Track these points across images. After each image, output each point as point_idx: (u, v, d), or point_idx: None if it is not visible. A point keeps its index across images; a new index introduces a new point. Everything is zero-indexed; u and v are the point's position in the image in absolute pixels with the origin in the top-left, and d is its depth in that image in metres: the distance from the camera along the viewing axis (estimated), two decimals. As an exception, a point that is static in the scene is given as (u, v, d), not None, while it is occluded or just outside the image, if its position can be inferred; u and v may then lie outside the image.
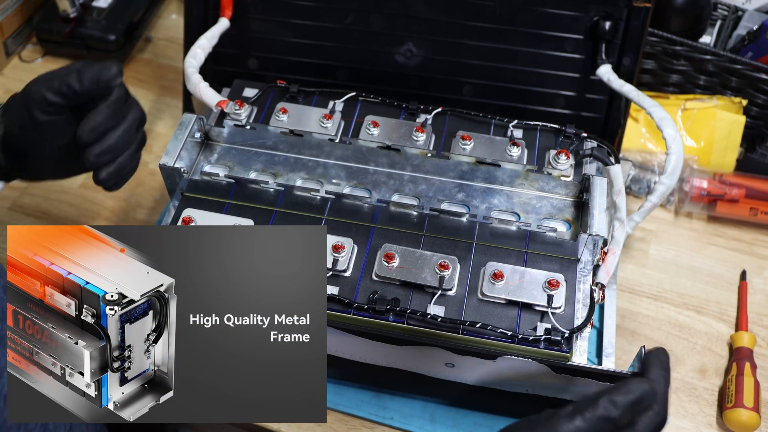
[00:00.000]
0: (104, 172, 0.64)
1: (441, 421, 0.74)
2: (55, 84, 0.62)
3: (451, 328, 0.65)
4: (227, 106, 0.76)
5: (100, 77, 0.62)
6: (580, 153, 0.76)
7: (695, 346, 0.81)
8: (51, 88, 0.62)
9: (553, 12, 0.82)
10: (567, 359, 0.64)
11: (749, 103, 0.93)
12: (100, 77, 0.62)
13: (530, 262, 0.69)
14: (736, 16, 1.00)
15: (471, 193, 0.76)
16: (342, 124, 0.78)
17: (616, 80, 0.79)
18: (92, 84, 0.62)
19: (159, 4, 1.14)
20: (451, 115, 0.79)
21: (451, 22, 0.84)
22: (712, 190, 0.89)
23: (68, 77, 0.62)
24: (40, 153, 0.66)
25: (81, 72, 0.62)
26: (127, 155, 0.65)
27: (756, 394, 0.75)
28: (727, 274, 0.87)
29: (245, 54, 0.89)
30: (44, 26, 1.05)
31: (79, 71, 0.62)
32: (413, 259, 0.68)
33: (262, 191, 0.74)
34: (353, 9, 0.85)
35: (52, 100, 0.62)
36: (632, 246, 0.89)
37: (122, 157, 0.65)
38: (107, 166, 0.64)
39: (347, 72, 0.88)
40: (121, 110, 0.64)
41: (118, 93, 0.63)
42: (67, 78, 0.62)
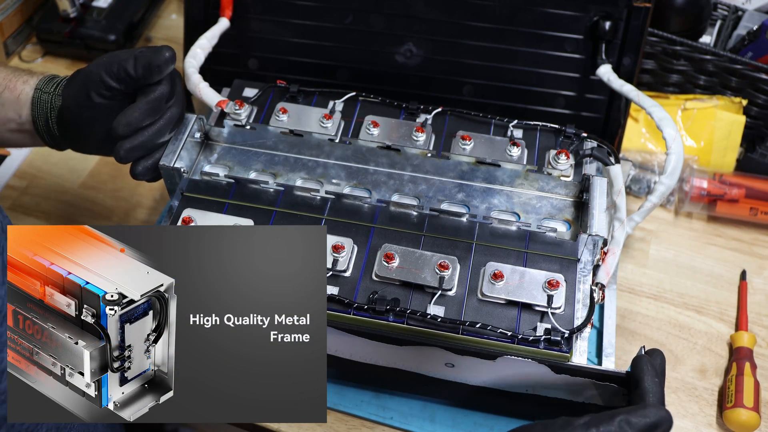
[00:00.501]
0: (141, 166, 0.66)
1: (441, 421, 0.74)
2: (114, 68, 0.63)
3: (451, 328, 0.65)
4: (227, 106, 0.76)
5: (152, 62, 0.63)
6: (580, 153, 0.76)
7: (695, 346, 0.81)
8: (110, 72, 0.63)
9: (553, 12, 0.82)
10: (567, 359, 0.64)
11: (749, 103, 0.93)
12: (151, 62, 0.63)
13: (530, 262, 0.69)
14: (736, 16, 1.00)
15: (471, 193, 0.76)
16: (342, 124, 0.78)
17: (616, 80, 0.79)
18: (144, 70, 0.63)
19: (159, 4, 1.14)
20: (451, 115, 0.79)
21: (451, 22, 0.84)
22: (712, 190, 0.89)
23: (126, 62, 0.63)
24: (91, 131, 0.67)
25: (137, 58, 0.63)
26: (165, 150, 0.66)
27: (756, 394, 0.75)
28: (727, 274, 0.87)
29: (245, 54, 0.89)
30: (44, 26, 1.05)
31: (137, 57, 0.63)
32: (413, 259, 0.68)
33: (262, 191, 0.74)
34: (353, 9, 0.85)
35: (110, 84, 0.63)
36: (632, 246, 0.89)
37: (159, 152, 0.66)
38: (144, 159, 0.66)
39: (347, 72, 0.88)
40: (159, 107, 0.64)
41: (161, 90, 0.64)
42: (124, 63, 0.63)
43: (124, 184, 0.94)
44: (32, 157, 0.97)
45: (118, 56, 0.64)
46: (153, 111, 0.64)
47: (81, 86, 0.65)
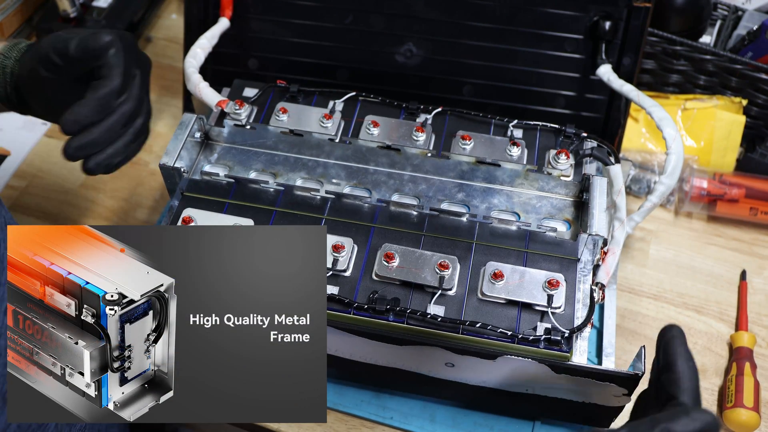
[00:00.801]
0: (92, 162, 0.62)
1: (441, 421, 0.74)
2: (59, 44, 0.61)
3: (451, 327, 0.65)
4: (227, 105, 0.76)
5: (88, 44, 0.60)
6: (580, 153, 0.76)
7: (695, 346, 0.81)
8: (55, 48, 0.61)
9: (553, 12, 0.82)
10: (567, 359, 0.64)
11: (749, 103, 0.93)
12: (87, 44, 0.60)
13: (530, 261, 0.69)
14: (736, 16, 1.00)
15: (471, 193, 0.76)
16: (342, 124, 0.78)
17: (616, 80, 0.79)
18: (80, 51, 0.60)
19: (159, 4, 1.14)
20: (451, 115, 0.79)
21: (451, 22, 0.84)
22: (712, 190, 0.89)
23: (69, 41, 0.61)
24: (41, 101, 0.66)
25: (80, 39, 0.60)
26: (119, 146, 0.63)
27: (756, 394, 0.75)
28: (727, 274, 0.87)
29: (245, 54, 0.89)
30: (44, 26, 1.05)
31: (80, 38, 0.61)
32: (413, 258, 0.68)
33: (262, 191, 0.74)
34: (353, 9, 0.85)
35: (53, 60, 0.61)
36: (632, 246, 0.89)
37: (112, 148, 0.62)
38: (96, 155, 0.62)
39: (347, 72, 0.88)
40: (109, 104, 0.61)
41: (111, 86, 0.60)
42: (68, 42, 0.61)
43: (124, 184, 0.94)
44: (32, 157, 0.97)
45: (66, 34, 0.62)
46: (101, 108, 0.60)
47: (32, 57, 0.63)
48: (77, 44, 0.60)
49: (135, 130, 0.65)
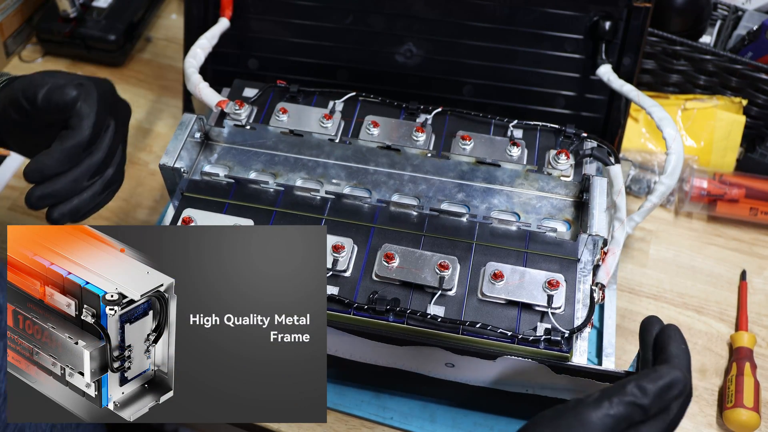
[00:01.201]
0: (57, 212, 0.61)
1: (441, 421, 0.74)
2: (29, 91, 0.59)
3: (451, 328, 0.65)
4: (227, 106, 0.76)
5: (53, 97, 0.59)
6: (580, 153, 0.76)
7: (695, 346, 0.81)
8: (24, 93, 0.60)
9: (553, 12, 0.82)
10: (567, 359, 0.64)
11: (749, 103, 0.93)
12: (52, 97, 0.59)
13: (530, 262, 0.69)
14: (736, 16, 1.00)
15: (471, 193, 0.76)
16: (342, 124, 0.78)
17: (616, 80, 0.79)
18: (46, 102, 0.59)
19: (159, 4, 1.14)
20: (451, 115, 0.79)
21: (451, 22, 0.84)
22: (712, 190, 0.89)
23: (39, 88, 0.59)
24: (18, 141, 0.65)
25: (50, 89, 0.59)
26: (85, 197, 0.61)
27: (756, 394, 0.75)
28: (727, 274, 0.87)
29: (245, 54, 0.89)
30: (44, 26, 1.05)
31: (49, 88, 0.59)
32: (413, 259, 0.68)
33: (262, 191, 0.74)
34: (353, 9, 0.85)
35: (21, 104, 0.60)
36: (632, 246, 0.89)
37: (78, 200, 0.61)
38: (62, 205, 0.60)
39: (347, 72, 0.88)
40: (76, 155, 0.59)
41: (79, 138, 0.59)
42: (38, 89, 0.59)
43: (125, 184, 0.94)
44: (32, 157, 0.97)
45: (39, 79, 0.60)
46: (67, 159, 0.59)
47: (4, 97, 0.61)
48: (44, 95, 0.59)
49: (104, 181, 0.63)
